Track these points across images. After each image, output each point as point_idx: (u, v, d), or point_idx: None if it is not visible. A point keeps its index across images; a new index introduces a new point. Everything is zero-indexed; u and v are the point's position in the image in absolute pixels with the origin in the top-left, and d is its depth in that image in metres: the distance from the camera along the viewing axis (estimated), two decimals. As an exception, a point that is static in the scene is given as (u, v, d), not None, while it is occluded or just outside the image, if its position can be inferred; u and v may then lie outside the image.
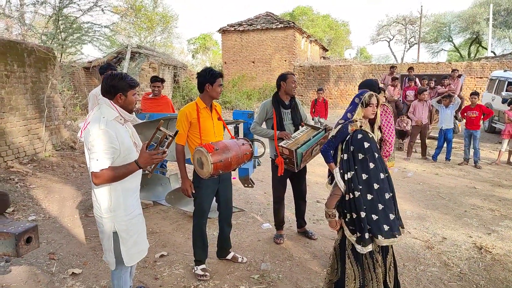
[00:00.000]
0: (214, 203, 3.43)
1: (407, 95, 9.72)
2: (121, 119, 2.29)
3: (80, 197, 5.28)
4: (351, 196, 2.34)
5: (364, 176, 2.30)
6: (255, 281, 3.23)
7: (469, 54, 32.94)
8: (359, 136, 2.38)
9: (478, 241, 4.06)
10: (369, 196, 2.29)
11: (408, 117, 8.63)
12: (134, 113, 2.46)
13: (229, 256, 3.56)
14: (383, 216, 2.28)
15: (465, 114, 7.62)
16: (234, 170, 3.33)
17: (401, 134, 9.31)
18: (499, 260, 3.65)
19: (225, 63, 21.14)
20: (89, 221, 4.51)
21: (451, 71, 10.15)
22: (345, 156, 2.42)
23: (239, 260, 3.54)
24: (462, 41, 34.26)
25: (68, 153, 6.93)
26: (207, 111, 3.16)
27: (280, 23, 19.80)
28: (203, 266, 3.32)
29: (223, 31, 20.83)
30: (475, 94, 7.51)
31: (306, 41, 22.67)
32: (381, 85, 11.01)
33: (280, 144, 3.50)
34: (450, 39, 34.50)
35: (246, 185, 4.73)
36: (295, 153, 3.31)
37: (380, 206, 2.28)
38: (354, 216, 2.34)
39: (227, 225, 3.50)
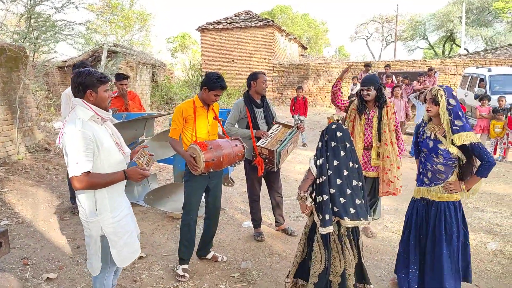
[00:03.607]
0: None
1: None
2: (98, 118, 2.19)
3: (55, 200, 5.14)
4: (321, 180, 2.52)
5: (335, 162, 2.49)
6: (236, 280, 3.24)
7: (443, 51, 33.85)
8: (333, 126, 2.57)
9: (452, 233, 4.18)
10: (339, 181, 2.46)
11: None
12: (111, 111, 2.38)
13: (209, 256, 3.55)
14: (350, 200, 2.45)
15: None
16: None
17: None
18: (472, 251, 3.76)
19: (204, 61, 21.00)
20: (64, 224, 4.40)
21: (428, 70, 10.42)
22: (320, 144, 2.61)
23: (219, 259, 3.53)
24: (437, 39, 35.21)
25: (42, 155, 6.73)
26: (203, 110, 3.20)
27: (259, 22, 19.80)
28: (185, 266, 3.29)
29: (202, 29, 20.68)
30: (448, 90, 7.71)
31: (285, 39, 22.77)
32: (358, 83, 11.22)
33: (258, 144, 3.51)
34: (425, 37, 35.38)
35: (226, 183, 4.72)
36: (276, 153, 3.32)
37: (348, 191, 2.46)
38: (319, 199, 2.52)
39: (213, 224, 3.49)
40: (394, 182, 3.67)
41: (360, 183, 2.54)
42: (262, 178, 3.98)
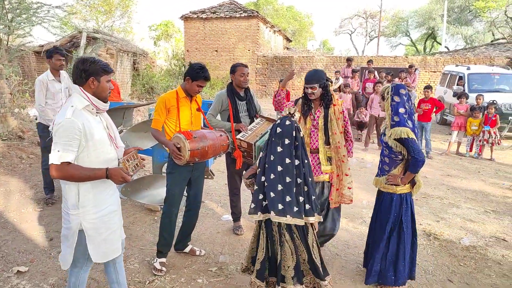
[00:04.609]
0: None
1: (367, 87, 10.00)
2: (92, 109, 2.11)
3: (28, 190, 4.97)
4: (258, 171, 2.60)
5: (272, 157, 2.50)
6: (213, 274, 3.21)
7: (424, 48, 34.43)
8: (277, 121, 2.58)
9: (427, 228, 4.27)
10: (272, 175, 2.47)
11: (367, 109, 8.88)
12: (109, 103, 2.27)
13: (187, 249, 3.50)
14: (280, 196, 2.45)
15: (420, 106, 7.94)
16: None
17: (359, 125, 9.57)
18: (446, 246, 3.86)
19: (187, 51, 20.67)
20: (37, 215, 4.26)
21: (408, 67, 10.56)
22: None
23: (197, 253, 3.49)
24: (419, 36, 35.72)
25: (16, 143, 6.49)
26: (186, 101, 3.17)
27: (244, 12, 19.58)
28: (163, 259, 3.24)
29: (185, 18, 20.29)
30: (428, 87, 7.85)
31: (270, 31, 22.63)
32: (340, 77, 11.25)
33: (238, 136, 3.46)
34: (408, 34, 35.86)
35: (206, 176, 4.66)
36: (254, 146, 3.28)
37: (280, 187, 2.46)
38: (255, 188, 2.60)
39: (194, 217, 3.45)
40: (351, 189, 3.35)
41: (300, 180, 2.49)
42: (244, 172, 3.95)
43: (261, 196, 2.52)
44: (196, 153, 2.91)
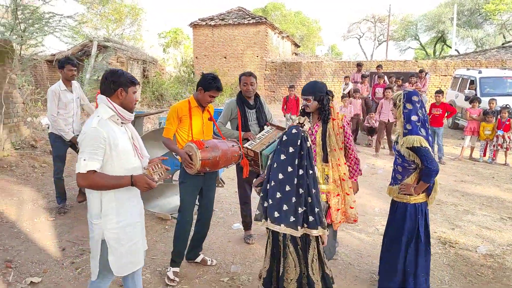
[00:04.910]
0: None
1: (376, 92, 9.91)
2: (117, 119, 2.15)
3: (40, 200, 5.02)
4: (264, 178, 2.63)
5: (275, 165, 2.51)
6: (225, 285, 3.18)
7: (434, 52, 34.14)
8: (286, 130, 2.58)
9: (442, 236, 4.18)
10: (273, 183, 2.49)
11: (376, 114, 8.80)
12: (134, 113, 2.31)
13: (198, 259, 3.48)
14: (277, 204, 2.44)
15: (431, 111, 7.84)
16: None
17: (370, 131, 9.49)
18: (462, 255, 3.77)
19: (196, 58, 20.81)
20: (50, 225, 4.29)
21: (419, 72, 10.44)
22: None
23: (208, 263, 3.47)
24: (428, 39, 35.47)
25: (28, 152, 6.57)
26: (198, 110, 3.18)
27: (252, 19, 19.67)
28: (177, 269, 3.23)
29: (194, 25, 20.46)
30: (439, 92, 7.75)
31: (278, 37, 22.68)
32: (350, 83, 11.19)
33: (245, 145, 3.44)
34: (417, 38, 35.63)
35: (216, 184, 4.64)
36: (260, 155, 3.26)
37: (278, 195, 2.45)
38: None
39: (204, 227, 3.44)
40: (354, 208, 3.16)
41: (302, 190, 2.43)
42: (254, 180, 3.92)
43: (266, 204, 2.51)
44: (207, 163, 2.90)
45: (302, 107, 3.14)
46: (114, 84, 2.15)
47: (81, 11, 22.10)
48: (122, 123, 2.20)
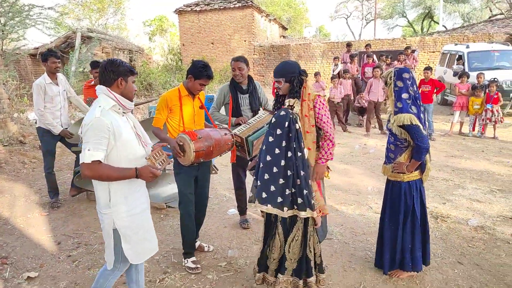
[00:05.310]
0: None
1: (366, 71, 9.90)
2: (119, 109, 2.15)
3: (33, 195, 4.98)
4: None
5: (264, 147, 2.52)
6: (223, 269, 3.21)
7: (422, 29, 34.06)
8: (275, 113, 2.57)
9: (434, 211, 4.25)
10: (261, 165, 2.51)
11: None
12: (133, 102, 2.29)
13: (195, 246, 3.50)
14: (265, 185, 2.47)
15: (420, 88, 7.87)
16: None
17: (360, 111, 9.52)
18: (454, 228, 3.85)
19: (183, 45, 20.53)
20: (43, 220, 4.27)
21: (404, 49, 10.43)
22: None
23: (205, 249, 3.50)
24: (415, 16, 35.28)
25: (17, 149, 6.48)
26: (189, 99, 3.12)
27: (238, 2, 19.37)
28: (193, 258, 3.25)
29: (179, 12, 20.12)
30: (428, 69, 7.77)
31: (265, 20, 22.41)
32: (339, 63, 11.13)
33: (233, 131, 3.42)
34: (404, 15, 35.43)
35: (210, 172, 4.64)
36: (246, 140, 3.24)
37: (266, 176, 2.47)
38: None
39: (201, 214, 3.45)
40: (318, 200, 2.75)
41: (290, 172, 2.42)
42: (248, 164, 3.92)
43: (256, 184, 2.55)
44: (201, 154, 2.87)
45: (276, 91, 3.02)
46: (114, 74, 2.14)
47: (62, 2, 21.55)
48: (123, 112, 2.20)
